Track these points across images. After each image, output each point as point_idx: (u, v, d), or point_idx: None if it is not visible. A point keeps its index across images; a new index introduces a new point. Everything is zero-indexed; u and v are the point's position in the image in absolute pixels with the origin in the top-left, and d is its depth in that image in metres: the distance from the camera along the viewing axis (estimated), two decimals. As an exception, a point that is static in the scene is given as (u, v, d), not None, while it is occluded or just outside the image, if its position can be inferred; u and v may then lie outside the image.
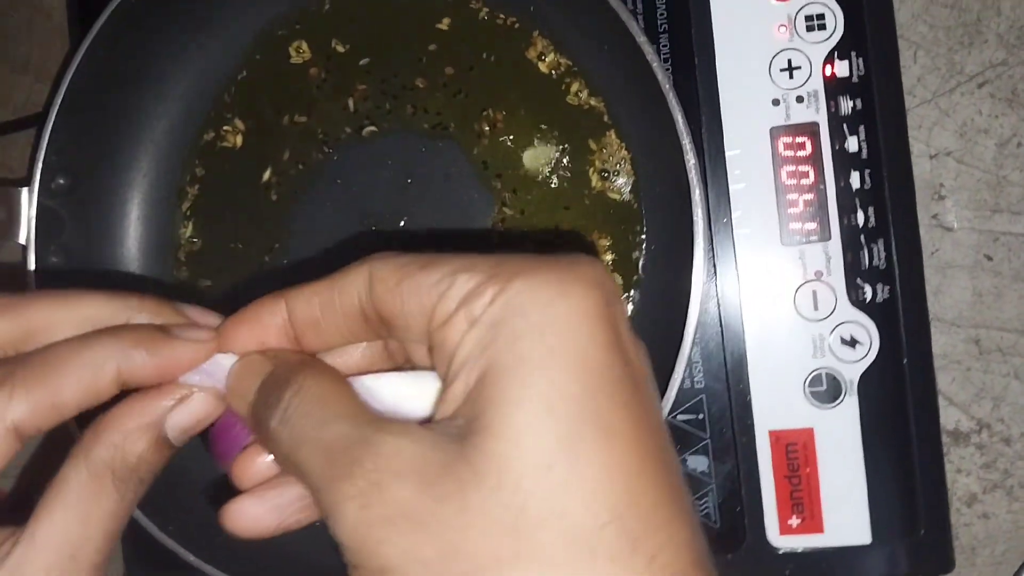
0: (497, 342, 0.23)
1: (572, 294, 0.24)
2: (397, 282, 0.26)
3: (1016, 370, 0.50)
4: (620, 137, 0.49)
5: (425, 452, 0.23)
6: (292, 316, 0.28)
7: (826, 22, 0.47)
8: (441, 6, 0.51)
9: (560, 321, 0.23)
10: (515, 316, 0.23)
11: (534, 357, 0.23)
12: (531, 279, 0.24)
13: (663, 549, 0.22)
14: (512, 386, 0.23)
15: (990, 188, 0.50)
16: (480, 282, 0.24)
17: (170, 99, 0.54)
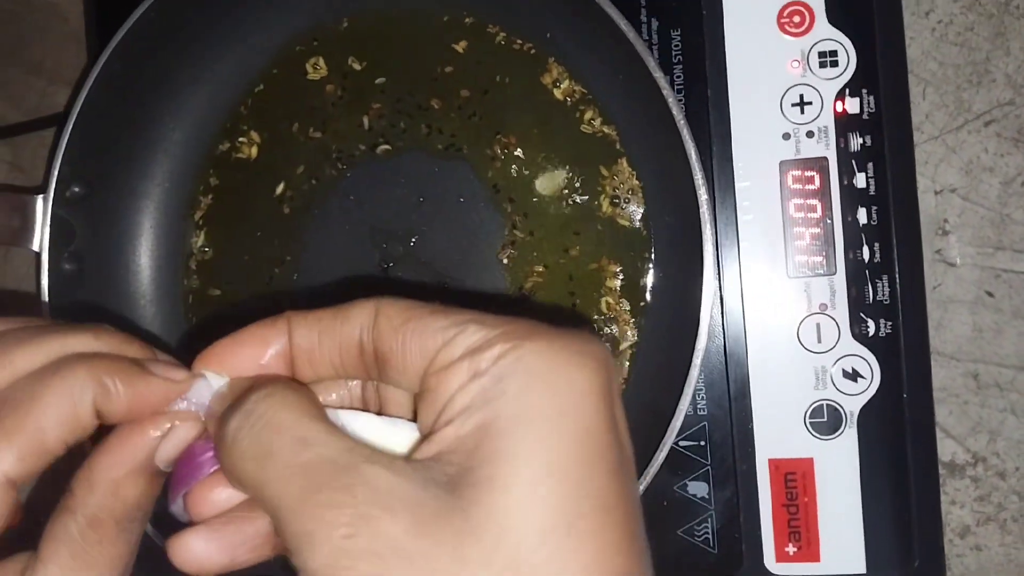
0: (504, 396, 0.23)
1: (584, 367, 0.24)
2: (403, 321, 0.26)
3: (1013, 405, 0.51)
4: (632, 165, 0.50)
5: (419, 491, 0.23)
6: (293, 340, 0.28)
7: (839, 59, 0.47)
8: (458, 29, 0.52)
9: (570, 390, 0.23)
10: (526, 374, 0.23)
11: (543, 417, 0.23)
12: (546, 344, 0.24)
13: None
14: (518, 443, 0.23)
15: (993, 226, 0.51)
16: (491, 336, 0.24)
17: (186, 110, 0.55)
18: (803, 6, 0.48)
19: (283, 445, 0.24)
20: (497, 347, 0.24)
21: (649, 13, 0.49)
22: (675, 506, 0.49)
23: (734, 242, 0.48)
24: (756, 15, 0.48)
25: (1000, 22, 0.51)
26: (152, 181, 0.55)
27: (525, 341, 0.24)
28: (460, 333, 0.24)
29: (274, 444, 0.24)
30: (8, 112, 0.66)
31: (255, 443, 0.25)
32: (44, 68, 0.66)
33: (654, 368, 0.49)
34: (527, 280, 0.51)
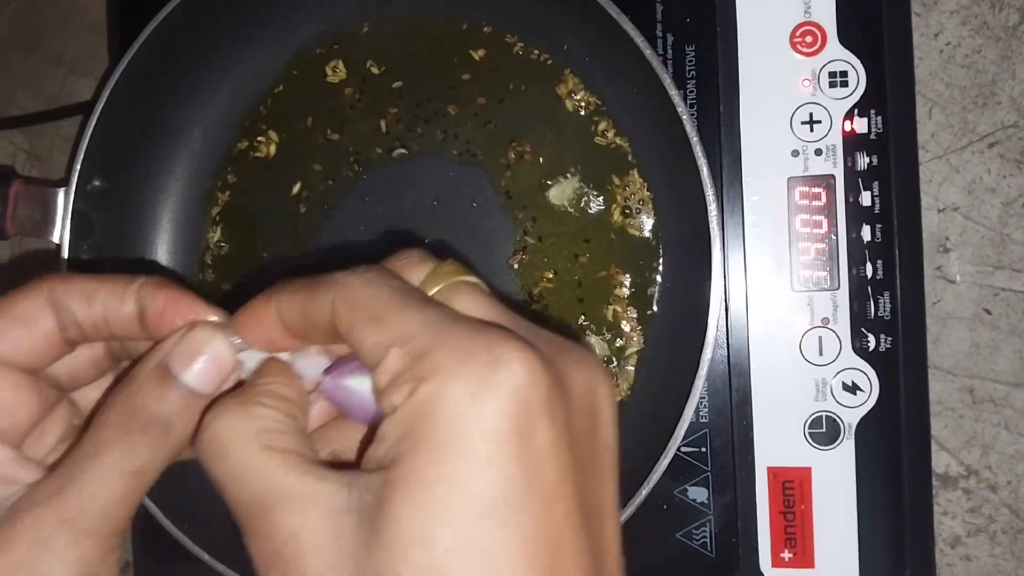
0: (403, 444, 0.24)
1: (480, 410, 0.23)
2: (348, 327, 0.26)
3: (1007, 421, 0.52)
4: (643, 176, 0.51)
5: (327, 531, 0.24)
6: (282, 318, 0.29)
7: (849, 80, 0.49)
8: (477, 37, 0.53)
9: (461, 445, 0.23)
10: (423, 424, 0.23)
11: (426, 479, 0.23)
12: (444, 385, 0.23)
13: None
14: (408, 503, 0.23)
15: (994, 245, 0.52)
16: (404, 369, 0.24)
17: (207, 108, 0.56)
18: (816, 27, 0.49)
19: (224, 472, 0.26)
20: (406, 387, 0.24)
21: (664, 29, 0.50)
22: (675, 510, 0.50)
23: (741, 255, 0.49)
24: (769, 34, 0.49)
25: (1007, 46, 0.52)
26: (171, 177, 0.56)
27: (426, 381, 0.24)
28: (384, 359, 0.25)
29: (218, 471, 0.26)
30: (28, 101, 0.67)
31: (208, 463, 0.27)
32: (64, 58, 0.67)
33: (659, 376, 0.50)
34: (536, 286, 0.52)
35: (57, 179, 0.65)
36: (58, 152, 0.66)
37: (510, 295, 0.53)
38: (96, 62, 0.66)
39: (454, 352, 0.24)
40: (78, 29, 0.66)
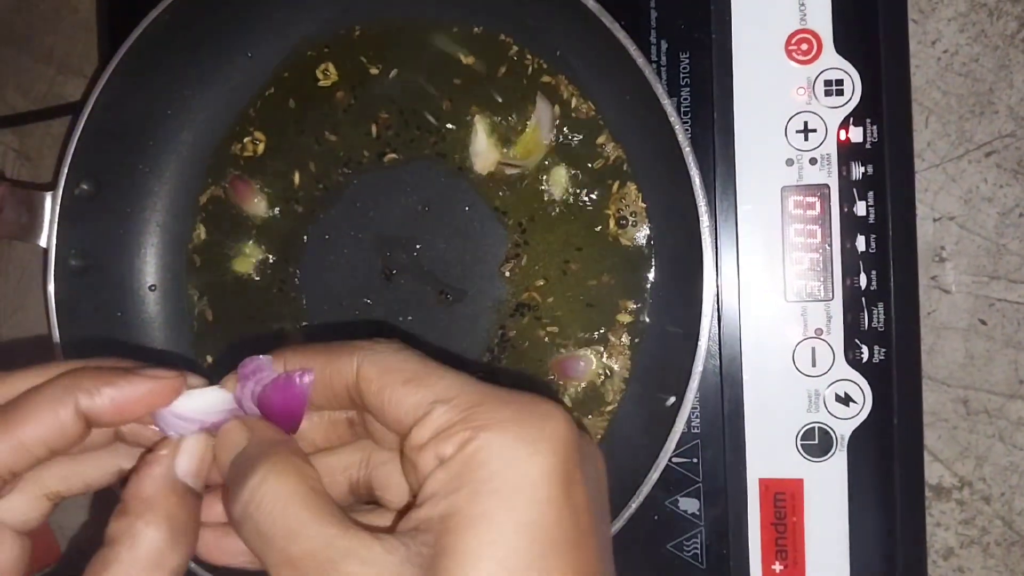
0: (461, 492, 0.25)
1: (537, 454, 0.26)
2: (380, 389, 0.28)
3: (1001, 432, 0.52)
4: (637, 185, 0.50)
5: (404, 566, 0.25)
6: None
7: (844, 88, 0.48)
8: (468, 41, 0.52)
9: (521, 485, 0.25)
10: (479, 471, 0.25)
11: (493, 519, 0.25)
12: (501, 434, 0.26)
13: None
14: (471, 542, 0.25)
15: (989, 255, 0.52)
16: (452, 422, 0.26)
17: (196, 111, 0.55)
18: (811, 34, 0.48)
19: (275, 535, 0.26)
20: (458, 437, 0.26)
21: (658, 35, 0.49)
22: (666, 521, 0.49)
23: (734, 265, 0.49)
24: (765, 41, 0.49)
25: (1005, 54, 0.51)
26: (160, 180, 0.56)
27: (483, 431, 0.26)
28: (428, 414, 0.26)
29: (268, 533, 0.26)
30: (17, 100, 0.67)
31: (254, 531, 0.27)
32: (54, 57, 0.66)
33: (650, 386, 0.49)
34: (526, 293, 0.52)
35: (45, 181, 0.65)
36: (48, 152, 0.66)
37: (501, 301, 0.52)
38: (86, 61, 0.65)
39: (505, 407, 0.26)
40: (69, 27, 0.66)
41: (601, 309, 0.51)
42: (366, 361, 0.28)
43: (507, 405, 0.26)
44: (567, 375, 0.51)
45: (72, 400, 0.28)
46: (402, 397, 0.27)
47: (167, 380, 0.29)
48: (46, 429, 0.28)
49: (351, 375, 0.28)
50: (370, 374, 0.28)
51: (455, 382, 0.27)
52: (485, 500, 0.25)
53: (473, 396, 0.27)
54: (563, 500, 0.26)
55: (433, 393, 0.27)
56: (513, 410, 0.26)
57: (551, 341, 0.51)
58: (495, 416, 0.26)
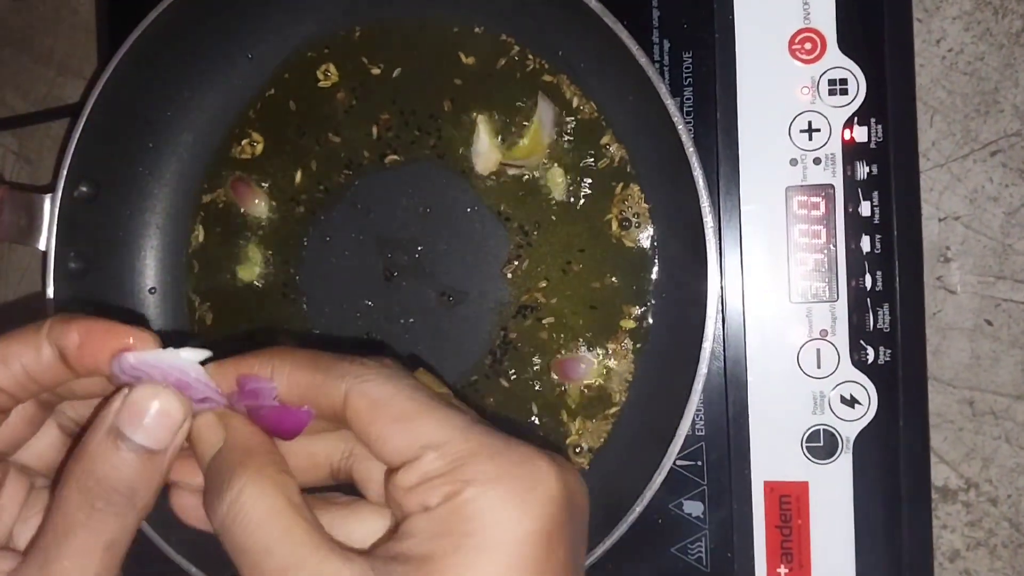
0: (443, 539, 0.25)
1: (524, 518, 0.26)
2: (368, 423, 0.27)
3: (1007, 433, 0.52)
4: (640, 186, 0.50)
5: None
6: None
7: (848, 87, 0.48)
8: (470, 42, 0.52)
9: (506, 544, 0.25)
10: (466, 524, 0.25)
11: (475, 572, 0.25)
12: (488, 491, 0.26)
13: None
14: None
15: (995, 255, 0.51)
16: (441, 471, 0.26)
17: (196, 112, 0.55)
18: (815, 33, 0.48)
19: (250, 550, 0.26)
20: (445, 488, 0.26)
21: (661, 35, 0.49)
22: (670, 524, 0.49)
23: (738, 265, 0.48)
24: (768, 40, 0.48)
25: (1011, 53, 0.51)
26: (160, 182, 0.56)
27: (471, 485, 0.26)
28: (418, 459, 0.26)
29: (244, 546, 0.26)
30: (17, 102, 0.66)
31: (233, 539, 0.27)
32: (53, 58, 0.66)
33: (654, 388, 0.49)
34: (529, 294, 0.51)
35: (45, 183, 0.65)
36: (48, 154, 0.66)
37: (504, 304, 0.52)
38: (86, 62, 0.65)
39: (496, 461, 0.26)
40: (68, 28, 0.66)
41: (604, 311, 0.50)
42: (355, 391, 0.27)
43: (498, 458, 0.26)
44: (568, 376, 0.51)
45: (45, 328, 0.29)
46: (390, 436, 0.27)
47: (140, 329, 0.29)
48: (24, 350, 0.28)
49: (339, 402, 0.28)
50: (359, 405, 0.27)
51: (446, 426, 0.27)
52: (467, 554, 0.25)
53: (464, 445, 0.26)
54: (544, 560, 0.26)
55: (423, 436, 0.26)
56: (504, 465, 0.26)
57: (553, 343, 0.51)
58: (485, 470, 0.26)
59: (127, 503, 0.28)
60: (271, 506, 0.27)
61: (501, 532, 0.25)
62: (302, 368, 0.28)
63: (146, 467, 0.28)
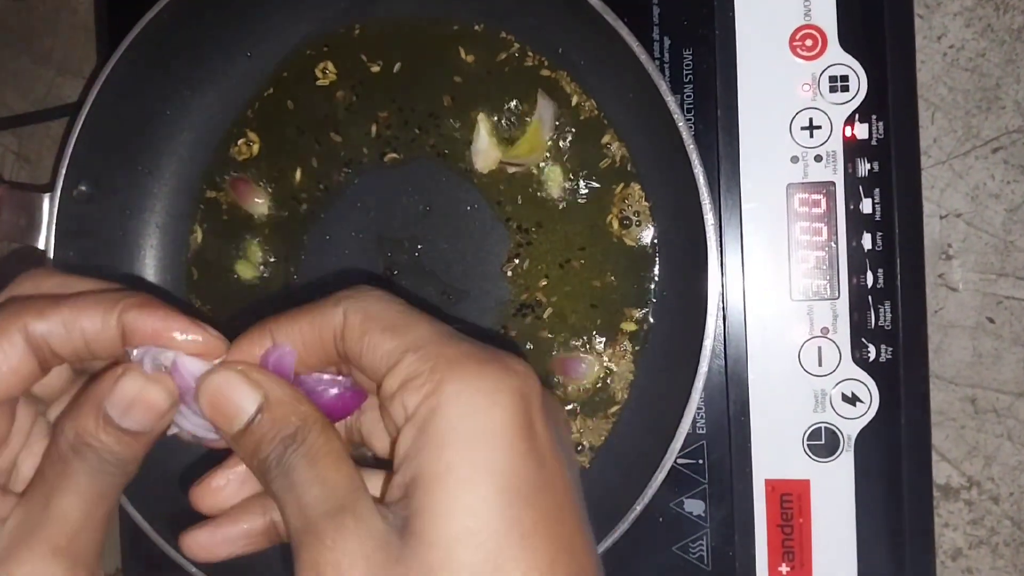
0: (427, 448, 0.26)
1: (497, 405, 0.26)
2: (360, 335, 0.28)
3: (1009, 431, 0.52)
4: (641, 184, 0.50)
5: (376, 543, 0.26)
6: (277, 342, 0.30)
7: (849, 84, 0.47)
8: (469, 39, 0.52)
9: (484, 436, 0.26)
10: (442, 423, 0.26)
11: (460, 470, 0.26)
12: (462, 385, 0.26)
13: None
14: (441, 499, 0.25)
15: (997, 252, 0.51)
16: (419, 371, 0.27)
17: (195, 111, 0.55)
18: (816, 30, 0.48)
19: (299, 482, 0.27)
20: (423, 388, 0.26)
21: (661, 32, 0.49)
22: (671, 523, 0.49)
23: (739, 263, 0.48)
24: (769, 37, 0.48)
25: (1012, 49, 0.51)
26: (159, 181, 0.55)
27: (446, 382, 0.26)
28: (399, 363, 0.27)
29: (293, 480, 0.28)
30: (16, 102, 0.66)
31: (282, 475, 0.28)
32: (53, 58, 0.66)
33: (655, 387, 0.49)
34: (529, 293, 0.51)
35: (45, 183, 0.64)
36: (47, 153, 0.66)
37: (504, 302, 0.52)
38: (85, 62, 0.65)
39: (471, 358, 0.27)
40: (67, 28, 0.65)
41: (605, 310, 0.50)
42: (350, 308, 0.28)
43: (470, 357, 0.27)
44: (569, 375, 0.51)
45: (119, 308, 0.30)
46: (378, 343, 0.28)
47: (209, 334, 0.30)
48: (92, 324, 0.29)
49: (339, 324, 0.29)
50: (353, 321, 0.28)
51: (428, 332, 0.28)
52: (447, 453, 0.26)
53: (440, 348, 0.27)
54: (525, 448, 0.26)
55: (406, 342, 0.27)
56: (475, 362, 0.27)
57: (553, 341, 0.51)
58: (457, 368, 0.26)
59: (114, 467, 0.30)
60: (336, 447, 0.28)
61: (476, 425, 0.26)
62: (297, 315, 0.30)
63: (131, 444, 0.30)
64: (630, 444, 0.49)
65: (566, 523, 0.27)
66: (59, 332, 0.29)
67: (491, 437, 0.26)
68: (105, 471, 0.30)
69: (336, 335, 0.29)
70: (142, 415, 0.30)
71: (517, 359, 0.28)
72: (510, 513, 0.25)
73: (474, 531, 0.25)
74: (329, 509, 0.26)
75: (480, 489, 0.25)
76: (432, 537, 0.25)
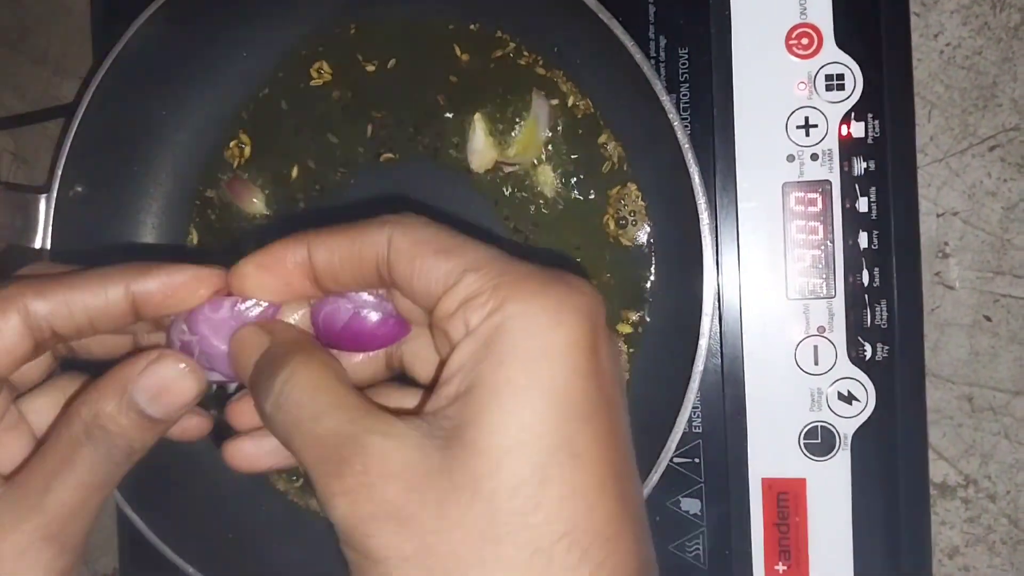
0: (487, 360, 0.25)
1: (562, 324, 0.25)
2: (411, 259, 0.27)
3: (1006, 429, 0.52)
4: (638, 186, 0.50)
5: (411, 457, 0.25)
6: (313, 261, 0.29)
7: (845, 83, 0.47)
8: (464, 39, 0.52)
9: (547, 353, 0.25)
10: (506, 339, 0.25)
11: (518, 385, 0.25)
12: (527, 303, 0.25)
13: (609, 557, 0.25)
14: (496, 410, 0.25)
15: (994, 250, 0.51)
16: (482, 289, 0.26)
17: (191, 111, 0.55)
18: (812, 28, 0.48)
19: (303, 419, 0.27)
20: (487, 305, 0.26)
21: (657, 31, 0.49)
22: (667, 522, 0.49)
23: (735, 262, 0.48)
24: (765, 36, 0.48)
25: (1009, 47, 0.51)
26: (155, 182, 0.55)
27: (511, 299, 0.25)
28: (458, 283, 0.26)
29: (297, 418, 0.27)
30: (13, 102, 0.66)
31: (284, 421, 0.27)
32: (49, 58, 0.66)
33: (652, 385, 0.49)
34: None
35: (42, 183, 0.64)
36: (45, 154, 0.65)
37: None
38: (82, 62, 0.65)
39: (535, 277, 0.26)
40: (63, 28, 0.65)
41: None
42: (397, 232, 0.28)
43: (534, 277, 0.26)
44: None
45: (124, 281, 0.29)
46: (432, 266, 0.27)
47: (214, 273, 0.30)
48: (95, 301, 0.29)
49: (383, 247, 0.28)
50: (401, 245, 0.27)
51: (486, 253, 0.27)
52: (508, 368, 0.25)
53: (502, 266, 0.26)
54: (587, 368, 0.25)
55: (464, 262, 0.26)
56: (540, 281, 0.26)
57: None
58: (522, 287, 0.26)
59: (124, 455, 0.30)
60: (321, 377, 0.27)
61: (542, 342, 0.25)
62: (338, 232, 0.29)
63: (148, 431, 0.30)
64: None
65: (618, 448, 0.26)
66: (61, 311, 0.29)
67: (554, 355, 0.25)
68: (112, 458, 0.29)
69: (380, 259, 0.28)
70: (170, 402, 0.30)
71: (583, 280, 0.27)
72: (565, 431, 0.25)
73: (526, 443, 0.24)
74: (348, 434, 0.26)
75: (537, 404, 0.25)
76: (482, 446, 0.24)
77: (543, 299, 0.25)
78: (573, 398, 0.25)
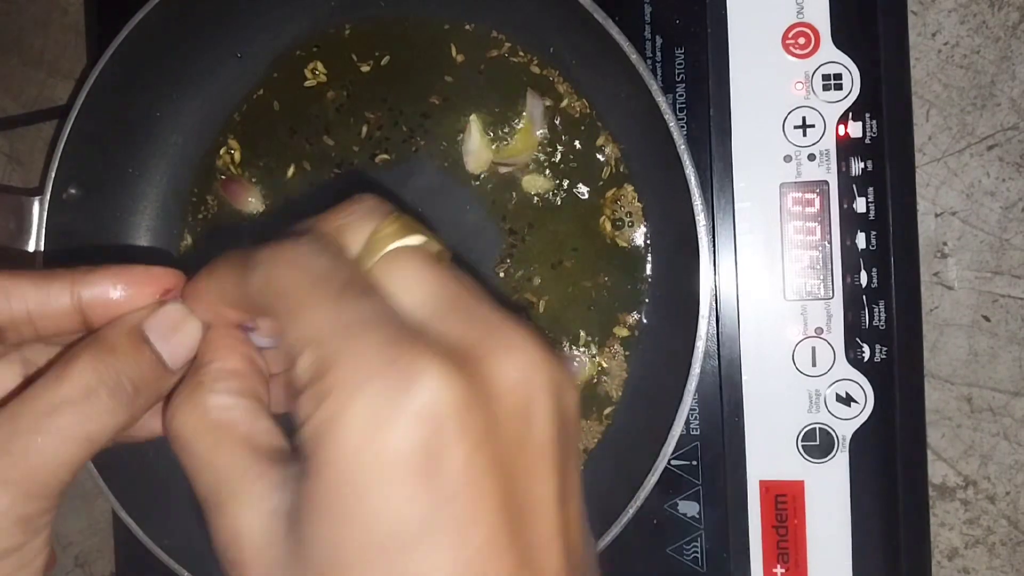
0: (312, 462, 0.22)
1: (386, 437, 0.21)
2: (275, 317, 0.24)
3: (1006, 430, 0.51)
4: (634, 187, 0.50)
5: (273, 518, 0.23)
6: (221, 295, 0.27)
7: (843, 82, 0.47)
8: (459, 39, 0.52)
9: (366, 476, 0.21)
10: (324, 449, 0.21)
11: (334, 511, 0.21)
12: (347, 405, 0.21)
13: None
14: (317, 523, 0.22)
15: (992, 250, 0.51)
16: (310, 377, 0.22)
17: (185, 113, 0.54)
18: (809, 27, 0.47)
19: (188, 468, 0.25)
20: (312, 399, 0.22)
21: (653, 31, 0.49)
22: (665, 525, 0.49)
23: (732, 263, 0.48)
24: (761, 36, 0.48)
25: (1007, 46, 0.51)
26: (149, 184, 0.55)
27: (330, 395, 0.21)
28: (297, 358, 0.22)
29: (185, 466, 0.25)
30: (7, 104, 0.66)
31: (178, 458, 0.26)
32: (43, 60, 0.65)
33: (648, 388, 0.49)
34: (521, 293, 0.51)
35: (34, 186, 0.64)
36: (39, 156, 0.65)
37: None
38: (76, 64, 0.64)
39: (359, 366, 0.21)
40: (58, 29, 0.65)
41: (597, 310, 0.50)
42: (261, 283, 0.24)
43: (365, 364, 0.21)
44: (563, 376, 0.50)
45: (69, 277, 0.28)
46: (285, 333, 0.23)
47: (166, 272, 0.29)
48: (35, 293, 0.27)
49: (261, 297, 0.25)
50: (266, 299, 0.24)
51: (326, 318, 0.22)
52: (325, 489, 0.21)
53: (336, 344, 0.22)
54: (418, 492, 0.21)
55: (305, 332, 0.22)
56: (369, 373, 0.21)
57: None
58: (346, 381, 0.21)
59: (127, 401, 0.27)
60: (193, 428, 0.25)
61: (358, 461, 0.21)
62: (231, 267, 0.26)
63: (157, 378, 0.28)
64: (624, 446, 0.49)
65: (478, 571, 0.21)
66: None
67: (367, 482, 0.21)
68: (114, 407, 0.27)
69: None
70: (179, 343, 0.27)
71: (431, 359, 0.21)
72: (388, 568, 0.21)
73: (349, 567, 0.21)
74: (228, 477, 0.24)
75: (350, 535, 0.21)
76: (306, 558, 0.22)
77: (362, 402, 0.21)
78: (389, 534, 0.21)
